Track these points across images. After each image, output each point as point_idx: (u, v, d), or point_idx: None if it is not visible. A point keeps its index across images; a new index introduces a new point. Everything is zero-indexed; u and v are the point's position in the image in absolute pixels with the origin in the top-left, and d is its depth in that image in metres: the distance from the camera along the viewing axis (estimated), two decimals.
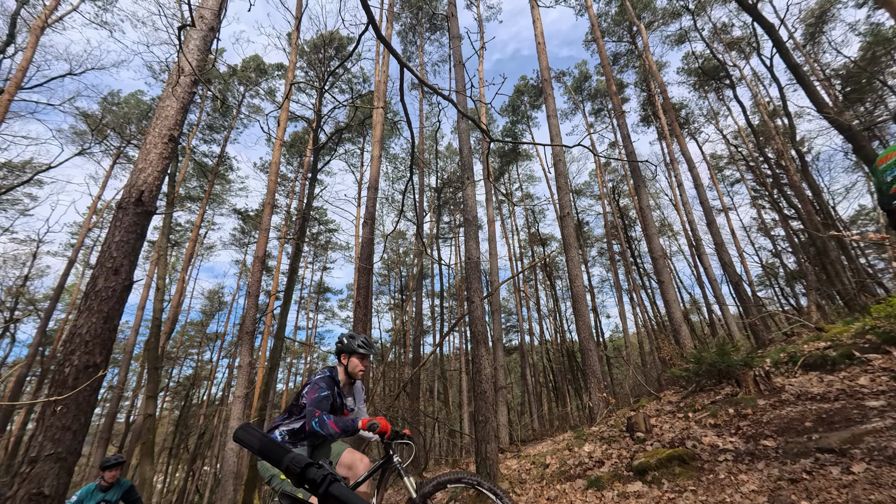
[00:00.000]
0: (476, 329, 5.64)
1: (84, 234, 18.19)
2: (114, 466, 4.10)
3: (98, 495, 4.00)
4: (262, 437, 0.69)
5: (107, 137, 17.40)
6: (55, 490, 2.78)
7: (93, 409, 3.15)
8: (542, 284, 24.90)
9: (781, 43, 8.34)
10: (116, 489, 4.13)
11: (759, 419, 3.78)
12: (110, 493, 4.07)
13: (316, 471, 0.64)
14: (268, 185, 10.14)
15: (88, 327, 3.11)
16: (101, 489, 4.03)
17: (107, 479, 4.05)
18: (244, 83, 19.22)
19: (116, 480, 4.14)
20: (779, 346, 7.49)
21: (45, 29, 12.06)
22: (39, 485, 2.71)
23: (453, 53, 7.63)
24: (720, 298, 13.05)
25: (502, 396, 11.66)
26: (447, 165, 23.33)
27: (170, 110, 3.93)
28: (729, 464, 3.13)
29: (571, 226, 8.82)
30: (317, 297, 28.72)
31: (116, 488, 4.13)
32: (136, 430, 13.39)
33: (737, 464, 3.08)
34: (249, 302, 8.89)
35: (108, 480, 4.05)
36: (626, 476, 3.64)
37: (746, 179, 21.61)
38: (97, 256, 3.42)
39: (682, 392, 6.12)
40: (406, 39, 19.63)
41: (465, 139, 6.92)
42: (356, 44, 2.50)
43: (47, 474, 2.75)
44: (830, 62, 16.47)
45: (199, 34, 4.28)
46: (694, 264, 19.92)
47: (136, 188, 3.59)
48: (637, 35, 18.76)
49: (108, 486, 4.06)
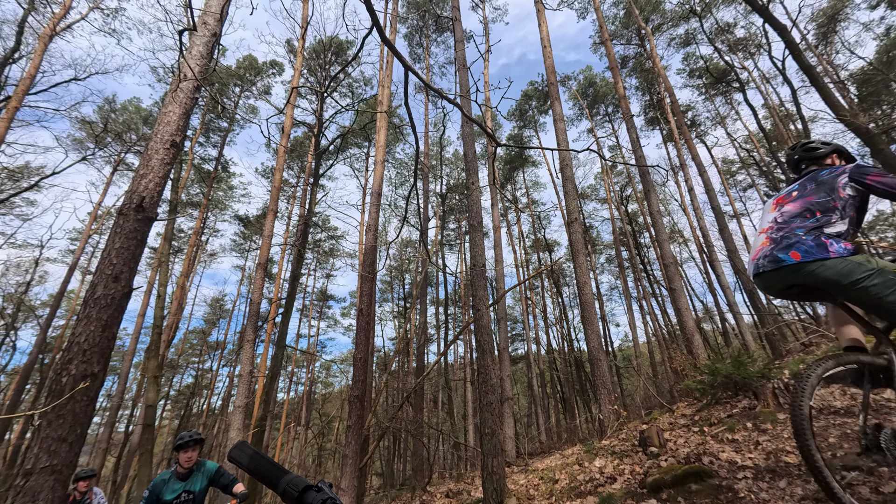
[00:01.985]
0: (481, 338, 5.59)
1: (84, 241, 18.41)
2: (188, 446, 3.28)
3: (177, 485, 3.26)
4: (258, 456, 0.66)
5: (107, 144, 17.69)
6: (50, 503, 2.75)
7: (90, 419, 3.13)
8: (549, 292, 24.75)
9: (794, 44, 8.30)
10: (198, 476, 3.36)
11: (780, 434, 3.68)
12: (191, 481, 3.31)
13: (315, 495, 0.61)
14: (271, 191, 10.22)
15: (87, 336, 3.11)
16: (179, 477, 3.29)
17: (184, 465, 3.28)
18: (239, 83, 19.49)
19: (197, 464, 3.38)
20: (797, 356, 7.34)
21: (53, 37, 12.36)
22: (34, 498, 2.69)
23: (457, 57, 7.68)
24: (734, 307, 12.87)
25: (508, 407, 11.52)
26: (452, 171, 23.42)
27: (172, 115, 3.97)
28: (749, 482, 3.03)
29: (579, 231, 8.77)
30: (319, 304, 28.77)
31: (198, 475, 3.36)
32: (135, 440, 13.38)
33: (757, 482, 2.99)
34: (251, 309, 8.90)
35: (185, 466, 3.28)
36: (639, 493, 3.54)
37: (759, 184, 21.44)
38: (97, 263, 3.43)
39: (697, 405, 6.00)
40: (412, 42, 19.84)
41: (469, 144, 6.93)
42: (359, 47, 2.51)
43: (42, 487, 2.73)
44: (844, 63, 16.39)
45: (202, 39, 4.33)
46: (706, 271, 19.71)
47: (137, 194, 3.61)
48: (645, 38, 18.82)
49: (186, 472, 3.30)
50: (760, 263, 2.14)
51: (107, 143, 17.54)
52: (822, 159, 2.28)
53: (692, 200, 15.25)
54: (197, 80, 4.11)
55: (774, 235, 2.13)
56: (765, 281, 2.16)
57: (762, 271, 2.12)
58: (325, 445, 24.96)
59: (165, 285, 9.88)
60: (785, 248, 2.03)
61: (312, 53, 15.86)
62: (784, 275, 2.03)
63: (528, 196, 26.45)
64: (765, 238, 2.19)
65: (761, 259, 2.14)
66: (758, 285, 2.26)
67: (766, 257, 2.11)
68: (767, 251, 2.12)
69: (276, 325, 15.05)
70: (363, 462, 6.95)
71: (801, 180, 2.22)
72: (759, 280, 2.20)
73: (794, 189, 2.21)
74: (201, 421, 24.41)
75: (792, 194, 2.20)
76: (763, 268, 2.11)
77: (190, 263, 18.91)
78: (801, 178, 2.26)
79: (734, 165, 23.14)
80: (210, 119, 19.86)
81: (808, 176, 2.20)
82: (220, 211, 23.79)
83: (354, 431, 6.65)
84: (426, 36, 19.27)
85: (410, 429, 12.92)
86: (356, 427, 6.69)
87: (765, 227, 2.25)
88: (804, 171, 2.29)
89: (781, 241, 2.07)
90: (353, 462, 6.51)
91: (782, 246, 2.05)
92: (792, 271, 1.99)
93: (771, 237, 2.14)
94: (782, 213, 2.17)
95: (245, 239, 25.89)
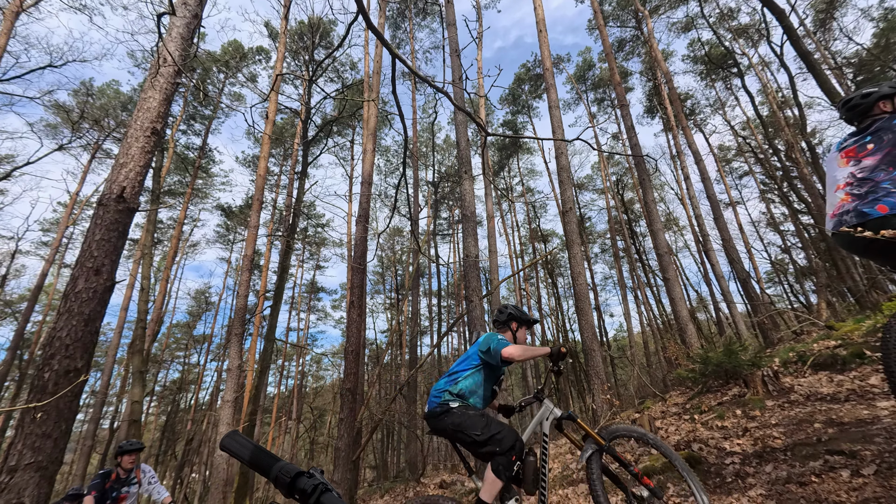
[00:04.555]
0: (475, 329, 5.66)
1: (62, 233, 18.06)
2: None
3: None
4: (250, 445, 0.69)
5: (84, 131, 17.23)
6: (36, 500, 2.77)
7: (74, 415, 3.14)
8: (544, 282, 24.99)
9: (792, 30, 8.35)
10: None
11: (768, 421, 3.82)
12: None
13: (306, 480, 0.64)
14: (256, 181, 10.10)
15: (68, 330, 3.10)
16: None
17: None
18: (224, 70, 19.05)
19: None
20: (788, 345, 7.56)
21: (19, 14, 11.91)
22: (19, 495, 2.71)
23: (449, 42, 7.60)
24: (727, 296, 13.14)
25: (503, 399, 11.72)
26: (444, 159, 23.28)
27: (152, 102, 3.90)
28: (736, 466, 3.16)
29: (574, 221, 8.84)
30: (309, 296, 28.69)
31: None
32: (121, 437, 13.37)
33: (744, 466, 3.12)
34: (238, 302, 8.87)
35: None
36: (629, 480, 3.67)
37: (755, 172, 21.70)
38: (77, 256, 3.39)
39: (689, 393, 6.17)
40: (394, 25, 19.49)
41: (462, 132, 6.91)
42: (345, 34, 2.49)
43: (27, 484, 2.74)
44: (842, 50, 16.52)
45: (182, 21, 4.23)
46: (701, 261, 20.03)
47: (117, 184, 3.56)
48: (643, 21, 18.75)
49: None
50: (843, 219, 2.11)
51: (84, 129, 17.09)
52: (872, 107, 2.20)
53: (688, 189, 15.42)
54: (177, 64, 4.03)
55: (856, 191, 2.09)
56: (847, 237, 2.12)
57: (845, 227, 2.10)
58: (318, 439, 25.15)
59: (148, 278, 9.79)
60: (871, 203, 2.01)
61: (296, 36, 15.52)
62: (870, 228, 2.00)
63: (522, 184, 26.47)
64: (844, 194, 2.14)
65: (843, 215, 2.11)
66: (838, 243, 2.24)
67: (848, 213, 2.09)
68: (850, 206, 2.09)
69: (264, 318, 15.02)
70: (356, 455, 7.05)
71: (874, 130, 2.13)
72: (839, 238, 2.18)
73: (868, 140, 2.13)
74: (189, 416, 24.41)
75: (867, 146, 2.12)
76: (846, 223, 2.09)
77: (173, 255, 18.68)
78: (868, 127, 2.16)
79: (731, 153, 23.37)
80: (193, 107, 19.42)
81: (879, 125, 2.11)
82: (201, 200, 23.42)
83: (347, 424, 6.73)
84: (410, 19, 18.95)
85: (404, 421, 13.07)
86: (349, 420, 6.77)
87: (840, 182, 2.19)
88: (871, 117, 2.19)
89: (867, 195, 2.04)
90: (345, 455, 6.60)
91: (868, 200, 2.02)
92: (879, 225, 1.97)
93: (852, 193, 2.10)
94: (861, 167, 2.11)
95: (228, 230, 25.60)
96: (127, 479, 3.93)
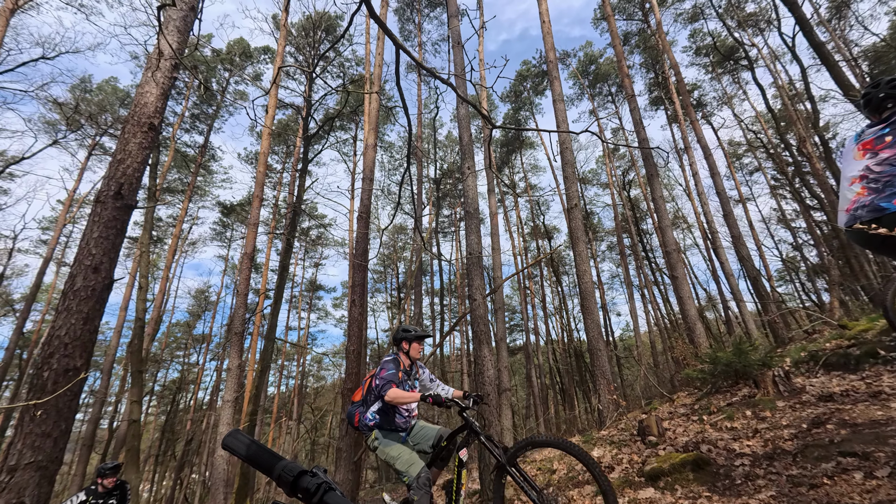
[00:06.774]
0: (478, 328, 5.66)
1: (59, 231, 18.18)
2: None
3: None
4: (252, 443, 0.69)
5: (81, 127, 17.31)
6: (36, 500, 2.80)
7: (74, 414, 3.17)
8: (548, 281, 24.94)
9: (805, 20, 8.27)
10: None
11: (778, 421, 3.80)
12: None
13: (310, 479, 0.64)
14: (256, 177, 10.11)
15: (67, 329, 3.12)
16: None
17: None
18: (229, 69, 19.12)
19: None
20: (799, 344, 7.52)
21: (14, 11, 11.97)
22: (20, 495, 2.73)
23: (451, 33, 7.57)
24: (737, 294, 13.07)
25: (506, 399, 11.72)
26: (447, 155, 23.26)
27: (149, 97, 3.91)
28: (746, 468, 3.15)
29: (579, 218, 8.80)
30: (309, 295, 28.79)
31: None
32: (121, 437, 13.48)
33: (754, 468, 3.11)
34: (238, 301, 8.91)
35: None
36: (637, 482, 3.67)
37: (765, 168, 21.54)
38: (75, 254, 3.41)
39: (697, 394, 6.15)
40: (403, 17, 19.44)
41: (465, 126, 6.89)
42: (348, 24, 2.48)
43: (27, 483, 2.77)
44: (857, 40, 16.33)
45: (180, 14, 4.24)
46: (709, 258, 19.94)
47: (114, 181, 3.58)
48: (650, 12, 18.59)
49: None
50: (858, 214, 2.10)
51: (80, 125, 17.16)
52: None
53: (696, 184, 15.30)
54: (175, 57, 4.04)
55: (873, 185, 2.07)
56: (863, 233, 2.11)
57: (860, 222, 2.09)
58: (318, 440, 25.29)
59: (147, 276, 9.85)
60: (889, 196, 1.99)
61: (301, 31, 15.51)
62: (886, 224, 2.00)
63: (526, 180, 26.40)
64: (860, 188, 2.12)
65: (858, 209, 2.10)
66: (853, 239, 2.23)
67: (864, 207, 2.08)
68: (866, 200, 2.07)
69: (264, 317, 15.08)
70: (358, 456, 7.08)
71: (894, 122, 2.11)
72: (854, 234, 2.17)
73: (887, 133, 2.10)
74: (189, 416, 24.59)
75: (885, 139, 2.09)
76: (861, 218, 2.08)
77: (173, 253, 18.77)
78: (887, 119, 2.14)
79: (741, 148, 23.19)
80: (196, 106, 19.49)
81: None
82: (200, 197, 23.52)
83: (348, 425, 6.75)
84: (418, 11, 18.89)
85: None
86: None
87: (855, 175, 2.16)
88: (891, 109, 2.16)
89: (884, 188, 2.02)
90: (347, 456, 6.63)
91: (885, 194, 2.01)
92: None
93: (868, 186, 2.09)
94: (879, 160, 2.08)
95: (226, 228, 25.68)
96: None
